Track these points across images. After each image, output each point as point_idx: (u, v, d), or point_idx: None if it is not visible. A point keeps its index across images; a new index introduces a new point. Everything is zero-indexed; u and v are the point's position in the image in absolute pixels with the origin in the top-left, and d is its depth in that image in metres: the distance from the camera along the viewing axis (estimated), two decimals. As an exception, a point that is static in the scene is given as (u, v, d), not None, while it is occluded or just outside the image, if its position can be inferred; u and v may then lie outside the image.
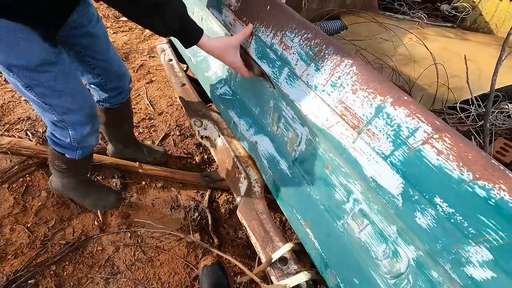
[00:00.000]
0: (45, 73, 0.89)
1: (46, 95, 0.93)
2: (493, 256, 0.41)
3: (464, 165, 0.43)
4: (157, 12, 0.72)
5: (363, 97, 0.56)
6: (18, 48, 0.81)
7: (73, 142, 1.09)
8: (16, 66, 0.84)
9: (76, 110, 1.01)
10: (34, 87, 0.90)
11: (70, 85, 0.96)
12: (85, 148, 1.16)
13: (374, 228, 0.68)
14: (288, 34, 0.71)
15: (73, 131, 1.05)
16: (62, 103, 0.97)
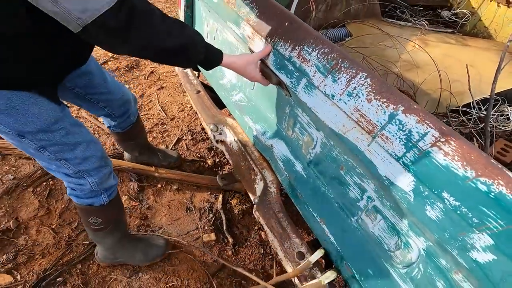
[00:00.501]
0: (58, 131, 0.90)
1: (61, 151, 0.94)
2: (493, 241, 0.49)
3: (468, 164, 0.51)
4: (182, 53, 0.75)
5: (377, 106, 0.63)
6: (28, 114, 0.82)
7: (94, 187, 1.06)
8: (29, 132, 0.85)
9: (90, 157, 1.01)
10: (48, 147, 0.91)
11: (80, 135, 0.98)
12: (109, 189, 1.13)
13: (387, 222, 0.75)
14: (306, 48, 0.79)
15: (90, 177, 1.04)
16: (76, 155, 0.97)
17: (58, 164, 0.96)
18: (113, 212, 1.20)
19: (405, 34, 1.86)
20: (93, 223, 1.15)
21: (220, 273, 1.45)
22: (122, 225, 1.30)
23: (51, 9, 0.59)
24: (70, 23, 0.61)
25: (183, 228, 1.60)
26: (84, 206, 1.10)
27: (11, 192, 1.57)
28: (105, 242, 1.28)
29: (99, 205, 1.11)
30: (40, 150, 0.91)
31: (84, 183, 1.03)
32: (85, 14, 0.59)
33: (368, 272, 0.82)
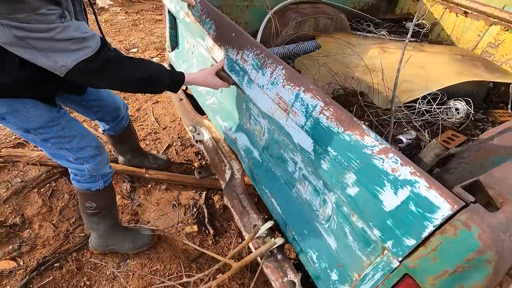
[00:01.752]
0: (54, 127, 1.09)
1: (60, 142, 1.13)
2: (356, 176, 0.66)
3: (339, 123, 0.69)
4: (151, 82, 0.95)
5: (288, 89, 0.83)
6: (29, 115, 1.01)
7: (91, 172, 1.24)
8: (32, 129, 1.05)
9: (87, 146, 1.20)
10: (49, 140, 1.11)
11: (75, 129, 1.16)
12: (105, 176, 1.31)
13: (312, 186, 0.92)
14: (245, 52, 1.00)
15: (88, 164, 1.22)
16: (73, 145, 1.16)
17: (61, 153, 1.16)
18: (106, 198, 1.38)
19: (367, 44, 2.08)
20: (89, 207, 1.33)
21: (200, 259, 1.60)
22: (114, 213, 1.48)
23: (41, 61, 0.78)
24: (57, 70, 0.80)
25: (169, 221, 1.77)
26: (83, 190, 1.29)
27: (19, 193, 1.78)
28: (98, 228, 1.45)
29: (95, 189, 1.29)
30: (43, 142, 1.11)
31: (83, 168, 1.22)
32: (68, 63, 0.79)
33: (304, 232, 0.98)
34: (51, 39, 0.75)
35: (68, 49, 0.78)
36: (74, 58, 0.79)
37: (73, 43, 0.78)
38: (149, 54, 3.39)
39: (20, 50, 0.76)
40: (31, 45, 0.74)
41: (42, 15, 0.71)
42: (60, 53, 0.78)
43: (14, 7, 0.67)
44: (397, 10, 2.87)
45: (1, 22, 0.68)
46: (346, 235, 0.81)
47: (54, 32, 0.74)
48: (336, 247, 0.87)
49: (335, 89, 1.72)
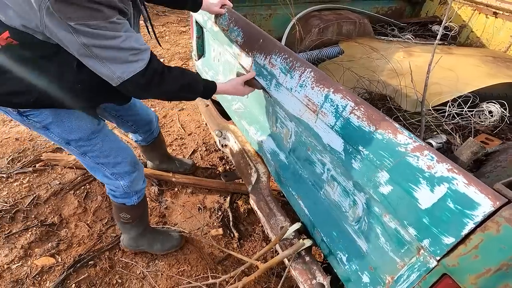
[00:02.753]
0: (94, 139, 1.11)
1: (98, 156, 1.15)
2: (389, 175, 0.66)
3: (370, 122, 0.70)
4: (188, 91, 1.00)
5: (317, 91, 0.85)
6: (72, 126, 1.05)
7: (125, 189, 1.26)
8: (73, 140, 1.08)
9: (122, 162, 1.21)
10: (88, 153, 1.13)
11: (113, 143, 1.18)
12: (139, 192, 1.34)
13: (341, 187, 0.92)
14: (273, 57, 1.04)
15: (122, 180, 1.24)
16: (109, 160, 1.18)
17: (98, 167, 1.19)
18: (139, 211, 1.43)
19: (392, 48, 2.06)
20: (123, 217, 1.39)
21: (225, 262, 1.62)
22: (145, 220, 1.53)
23: (100, 70, 0.82)
24: (113, 80, 0.84)
25: (195, 224, 1.81)
26: (118, 204, 1.33)
27: (57, 194, 1.90)
28: (130, 232, 1.52)
29: (130, 205, 1.34)
30: (82, 155, 1.14)
31: (118, 185, 1.25)
32: (124, 74, 0.83)
33: (333, 234, 0.98)
34: (115, 47, 0.78)
35: (126, 60, 0.82)
36: (131, 69, 0.83)
37: (132, 54, 0.82)
38: (174, 63, 3.53)
39: (83, 57, 0.79)
40: (94, 53, 0.77)
41: (112, 23, 0.75)
42: (118, 63, 0.81)
43: (90, 13, 0.71)
44: (422, 13, 2.82)
45: (73, 27, 0.71)
46: (378, 236, 0.80)
47: (119, 40, 0.78)
48: (367, 248, 0.86)
49: (360, 93, 1.72)
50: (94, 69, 0.82)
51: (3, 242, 1.61)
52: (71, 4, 0.69)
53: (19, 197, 1.85)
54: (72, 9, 0.69)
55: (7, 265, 1.52)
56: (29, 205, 1.80)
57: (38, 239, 1.65)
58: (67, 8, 0.69)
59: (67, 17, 0.70)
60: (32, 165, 2.05)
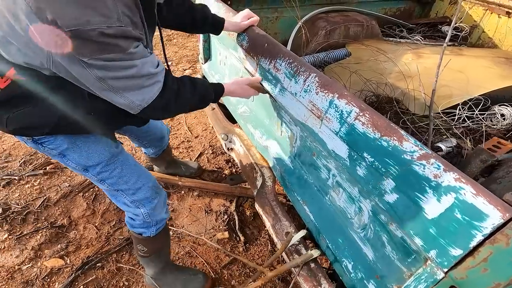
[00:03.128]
0: (113, 164, 1.04)
1: (116, 183, 1.07)
2: (394, 183, 0.64)
3: (376, 129, 0.68)
4: (202, 102, 0.99)
5: (322, 96, 0.84)
6: (90, 151, 0.98)
7: (146, 217, 1.17)
8: (91, 166, 1.01)
9: (142, 187, 1.13)
10: (106, 179, 1.05)
11: (132, 168, 1.11)
12: (159, 223, 1.23)
13: (346, 193, 0.91)
14: (278, 61, 1.03)
15: (143, 208, 1.15)
16: (129, 186, 1.09)
17: (117, 194, 1.11)
18: (157, 244, 1.31)
19: (400, 50, 2.02)
20: (140, 250, 1.29)
21: (231, 266, 1.62)
22: (164, 256, 1.41)
23: (118, 101, 0.77)
24: (132, 109, 0.80)
25: (201, 227, 1.82)
26: (135, 234, 1.24)
27: (66, 196, 1.93)
28: (149, 268, 1.41)
29: (146, 236, 1.23)
30: (101, 182, 1.06)
31: (138, 213, 1.16)
32: (144, 102, 0.79)
33: (338, 241, 0.96)
34: (131, 77, 0.74)
35: (142, 86, 0.77)
36: (150, 95, 0.80)
37: (148, 78, 0.78)
38: (182, 66, 3.56)
39: (99, 91, 0.75)
40: (110, 85, 0.73)
41: (129, 54, 0.70)
42: (135, 91, 0.77)
43: (105, 47, 0.66)
44: (432, 14, 2.77)
45: (87, 62, 0.66)
46: (384, 245, 0.79)
47: (135, 69, 0.73)
48: (373, 256, 0.84)
49: (367, 96, 1.69)
50: (111, 100, 0.78)
51: (15, 243, 1.65)
52: (83, 39, 0.63)
53: (30, 199, 1.89)
54: (85, 44, 0.64)
55: (18, 266, 1.55)
56: (40, 207, 1.84)
57: (48, 240, 1.68)
58: (80, 44, 0.64)
59: (79, 53, 0.65)
60: (43, 167, 2.09)
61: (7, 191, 1.92)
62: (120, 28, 0.65)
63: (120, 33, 0.66)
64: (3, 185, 1.95)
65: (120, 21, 0.66)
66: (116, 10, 0.65)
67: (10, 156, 2.17)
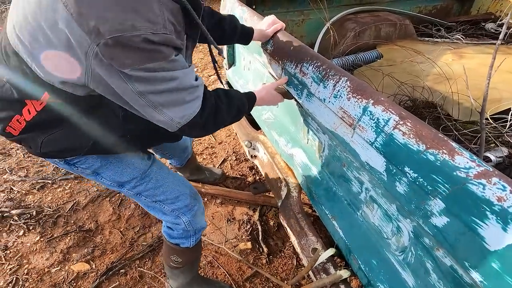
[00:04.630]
0: (147, 177, 1.02)
1: (154, 195, 1.05)
2: (444, 204, 0.55)
3: (420, 140, 0.59)
4: (239, 114, 0.95)
5: (354, 102, 0.76)
6: (123, 167, 0.96)
7: (187, 226, 1.13)
8: (126, 182, 0.99)
9: (181, 195, 1.10)
10: (142, 193, 1.03)
11: (167, 178, 1.08)
12: (198, 232, 1.20)
13: (382, 210, 0.81)
14: (305, 65, 0.96)
15: (184, 216, 1.12)
16: (168, 196, 1.07)
17: (155, 206, 1.08)
18: (193, 256, 1.28)
19: (438, 50, 1.87)
20: (174, 261, 1.23)
21: (253, 279, 1.55)
22: (196, 267, 1.38)
23: (158, 118, 0.72)
24: (170, 126, 0.75)
25: (223, 236, 1.77)
26: (172, 245, 1.19)
27: (94, 201, 1.98)
28: (177, 280, 1.35)
29: (185, 247, 1.19)
30: (137, 196, 1.04)
31: (179, 222, 1.12)
32: (183, 119, 0.75)
33: (372, 263, 0.86)
34: (173, 89, 0.70)
35: (184, 101, 0.73)
36: (190, 111, 0.76)
37: (189, 93, 0.74)
38: (207, 72, 3.58)
39: (140, 107, 0.70)
40: (151, 101, 0.68)
41: (171, 62, 0.66)
42: (176, 106, 0.73)
43: (148, 55, 0.62)
44: (473, 11, 2.56)
45: (127, 74, 0.62)
46: (428, 272, 0.68)
47: (177, 81, 0.69)
48: (413, 284, 0.74)
49: (401, 101, 1.56)
50: (151, 117, 0.73)
51: (46, 246, 1.70)
52: (125, 47, 0.58)
53: (61, 202, 1.95)
54: (127, 52, 0.59)
55: (47, 268, 1.60)
56: (70, 211, 1.90)
57: (76, 244, 1.72)
58: (121, 53, 0.59)
59: (120, 64, 0.60)
60: (74, 172, 2.17)
61: (41, 194, 2.01)
62: (165, 35, 0.62)
63: (164, 41, 0.62)
64: (37, 188, 2.04)
65: (166, 28, 0.62)
66: (162, 16, 0.62)
67: (45, 161, 2.28)
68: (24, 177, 2.12)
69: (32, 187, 2.04)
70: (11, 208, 1.88)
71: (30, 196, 1.99)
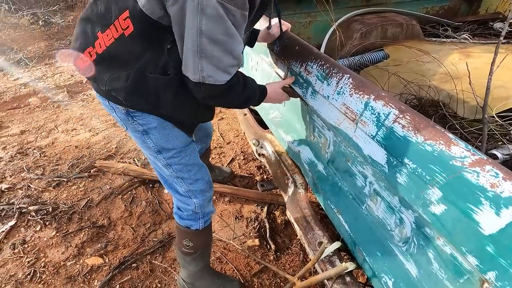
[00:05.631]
0: (184, 152, 1.09)
1: (181, 170, 1.11)
2: (442, 192, 0.57)
3: (418, 132, 0.62)
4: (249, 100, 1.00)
5: (356, 98, 0.79)
6: (171, 137, 1.04)
7: (197, 208, 1.19)
8: (166, 149, 1.06)
9: (201, 179, 1.17)
10: (173, 165, 1.09)
11: (197, 160, 1.16)
12: (207, 215, 1.26)
13: (385, 202, 0.84)
14: (309, 63, 1.00)
15: (196, 198, 1.17)
16: (191, 175, 1.14)
17: (176, 182, 1.15)
18: (203, 240, 1.33)
19: (445, 50, 1.87)
20: (186, 245, 1.28)
21: (261, 274, 1.58)
22: (207, 256, 1.42)
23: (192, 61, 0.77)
24: (194, 74, 0.79)
25: (231, 233, 1.81)
26: (183, 227, 1.25)
27: (107, 198, 2.05)
28: (189, 267, 1.39)
29: (195, 229, 1.24)
30: (166, 166, 1.10)
31: (190, 203, 1.18)
32: (209, 79, 0.80)
33: (377, 254, 0.89)
34: (224, 45, 0.76)
35: (219, 66, 0.79)
36: (216, 78, 0.81)
37: (229, 62, 0.80)
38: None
39: (184, 43, 0.76)
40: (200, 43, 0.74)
41: (242, 17, 0.74)
42: (211, 64, 0.78)
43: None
44: (481, 11, 2.55)
45: (203, 6, 0.68)
46: (430, 261, 0.70)
47: (232, 41, 0.76)
48: (417, 274, 0.76)
49: (408, 100, 1.58)
50: (188, 56, 0.78)
51: (61, 241, 1.77)
52: None
53: (75, 199, 2.03)
54: None
55: (63, 262, 1.66)
56: (84, 207, 1.97)
57: (90, 239, 1.78)
58: None
59: None
60: (88, 170, 2.25)
61: (57, 192, 2.09)
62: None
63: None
64: (53, 186, 2.12)
65: None
66: None
67: (60, 160, 2.37)
68: (41, 175, 2.21)
69: (48, 185, 2.13)
70: (28, 205, 1.96)
71: (46, 193, 2.08)
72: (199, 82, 0.80)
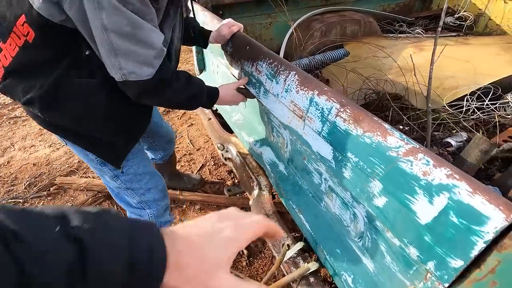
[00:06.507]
0: (131, 160, 1.03)
1: (129, 181, 1.05)
2: (382, 184, 0.56)
3: (358, 124, 0.61)
4: (193, 100, 0.95)
5: (302, 94, 0.77)
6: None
7: (151, 219, 1.14)
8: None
9: (153, 188, 1.12)
10: (120, 176, 1.03)
11: (147, 167, 1.10)
12: (164, 225, 1.20)
13: (340, 199, 0.83)
14: (259, 63, 0.98)
15: (150, 209, 1.13)
16: (142, 185, 1.08)
17: (126, 193, 1.09)
18: None
19: (400, 45, 1.93)
20: None
21: (234, 282, 1.54)
22: None
23: (110, 61, 0.73)
24: (116, 74, 0.75)
25: (203, 242, 1.75)
26: None
27: (69, 217, 1.92)
28: None
29: None
30: (114, 178, 1.04)
31: (143, 214, 1.13)
32: (131, 75, 0.75)
33: (336, 252, 0.87)
34: (133, 38, 0.71)
35: (138, 60, 0.74)
36: (139, 73, 0.76)
37: (147, 55, 0.75)
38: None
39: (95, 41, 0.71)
40: (110, 41, 0.69)
41: (143, 5, 0.68)
42: (129, 60, 0.74)
43: None
44: (433, 6, 2.67)
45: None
46: (383, 255, 0.69)
47: (141, 32, 0.71)
48: (373, 268, 0.75)
49: (367, 94, 1.61)
50: (104, 57, 0.73)
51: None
52: None
53: (33, 221, 1.89)
54: None
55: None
56: (43, 229, 1.83)
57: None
58: None
59: None
60: (47, 189, 2.11)
61: (12, 215, 1.94)
62: None
63: None
64: (8, 209, 1.97)
65: None
66: None
67: (16, 179, 2.20)
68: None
69: (2, 208, 1.97)
70: (-21, 231, 1.80)
71: (0, 217, 1.92)
72: (123, 80, 0.76)
